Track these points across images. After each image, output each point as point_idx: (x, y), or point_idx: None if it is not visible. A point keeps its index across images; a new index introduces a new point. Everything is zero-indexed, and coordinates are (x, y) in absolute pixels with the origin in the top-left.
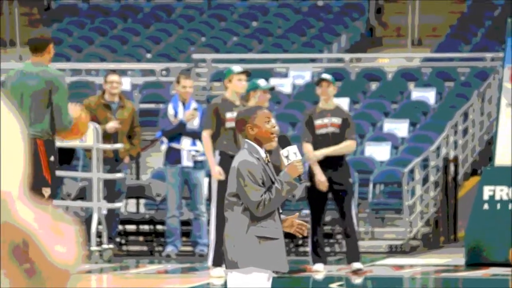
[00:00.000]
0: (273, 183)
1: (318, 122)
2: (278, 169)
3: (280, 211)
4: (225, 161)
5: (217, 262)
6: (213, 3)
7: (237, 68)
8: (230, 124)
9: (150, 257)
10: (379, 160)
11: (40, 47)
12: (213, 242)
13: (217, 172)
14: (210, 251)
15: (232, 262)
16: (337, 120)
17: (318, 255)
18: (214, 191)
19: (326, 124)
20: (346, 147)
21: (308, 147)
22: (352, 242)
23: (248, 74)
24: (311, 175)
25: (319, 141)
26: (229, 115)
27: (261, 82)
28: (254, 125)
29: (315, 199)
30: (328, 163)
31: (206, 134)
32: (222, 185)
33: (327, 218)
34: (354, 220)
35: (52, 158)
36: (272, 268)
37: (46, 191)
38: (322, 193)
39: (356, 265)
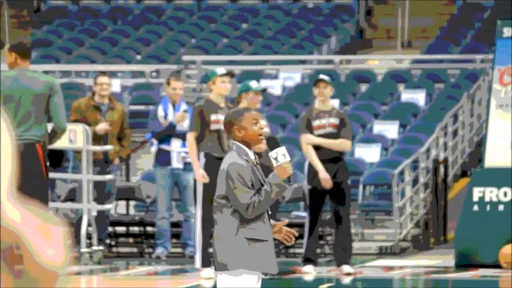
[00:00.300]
0: (262, 185)
1: (316, 123)
2: (269, 171)
3: (269, 212)
4: (210, 163)
5: (205, 263)
6: (203, 5)
7: (221, 70)
8: (214, 126)
9: (140, 259)
10: (369, 162)
11: (30, 53)
12: (199, 244)
13: (201, 175)
14: (197, 253)
15: (221, 264)
16: (334, 121)
17: (310, 257)
18: (199, 194)
19: (324, 125)
20: (341, 143)
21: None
22: (346, 245)
23: (232, 75)
24: (313, 175)
25: None
26: (213, 117)
27: (253, 83)
28: (241, 127)
29: (315, 200)
30: (328, 163)
31: (190, 137)
32: (207, 187)
33: None
34: (350, 223)
35: (48, 163)
36: (262, 270)
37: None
38: (321, 194)
39: (346, 268)
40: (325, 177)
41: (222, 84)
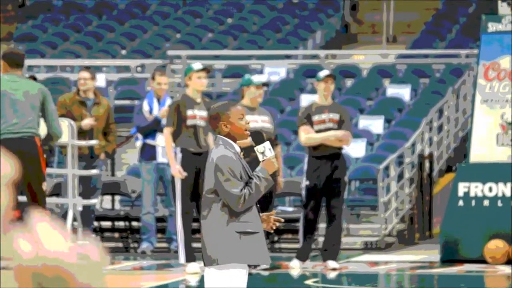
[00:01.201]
0: (249, 178)
1: (316, 118)
2: (254, 166)
3: (258, 205)
4: (187, 158)
5: (189, 258)
6: (188, 0)
7: (197, 65)
8: (191, 122)
9: (126, 254)
10: (354, 157)
11: (23, 63)
12: (182, 240)
13: (177, 170)
14: (180, 248)
15: (212, 258)
16: (334, 116)
17: (304, 253)
18: (178, 189)
19: (324, 120)
20: (343, 135)
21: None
22: (336, 241)
23: (208, 71)
24: (313, 170)
25: None
26: (190, 112)
27: (254, 77)
28: (228, 121)
29: (313, 197)
30: (329, 159)
31: (166, 132)
32: (186, 182)
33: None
34: (342, 220)
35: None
36: (255, 261)
37: (44, 185)
38: (319, 191)
39: (332, 263)
40: (338, 134)
41: (198, 80)
